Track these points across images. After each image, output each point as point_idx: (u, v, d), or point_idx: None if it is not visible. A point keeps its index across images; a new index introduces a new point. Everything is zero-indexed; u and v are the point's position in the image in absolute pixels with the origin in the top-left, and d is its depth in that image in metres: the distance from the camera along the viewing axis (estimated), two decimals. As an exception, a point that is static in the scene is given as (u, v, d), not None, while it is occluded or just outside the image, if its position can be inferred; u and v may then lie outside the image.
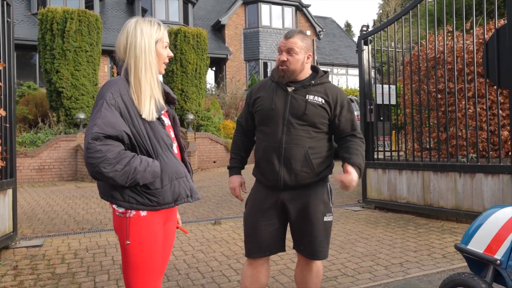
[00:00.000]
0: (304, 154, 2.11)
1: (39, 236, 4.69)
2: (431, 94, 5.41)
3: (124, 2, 19.49)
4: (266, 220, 2.18)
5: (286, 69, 2.15)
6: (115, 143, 1.60)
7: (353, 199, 6.67)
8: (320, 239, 2.14)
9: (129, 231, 1.69)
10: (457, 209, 4.80)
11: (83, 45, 11.24)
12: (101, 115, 1.59)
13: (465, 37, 4.93)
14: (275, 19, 19.40)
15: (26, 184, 9.80)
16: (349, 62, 21.72)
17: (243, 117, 2.40)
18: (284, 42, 2.15)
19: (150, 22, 1.76)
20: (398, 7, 5.69)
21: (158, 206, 1.71)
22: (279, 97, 2.18)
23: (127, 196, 1.67)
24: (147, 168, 1.64)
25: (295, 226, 2.18)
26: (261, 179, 2.24)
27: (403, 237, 4.35)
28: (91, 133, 1.56)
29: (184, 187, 1.77)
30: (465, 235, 2.07)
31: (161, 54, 1.78)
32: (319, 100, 2.14)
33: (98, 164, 1.56)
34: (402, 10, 5.57)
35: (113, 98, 1.63)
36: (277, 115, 2.15)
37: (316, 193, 2.16)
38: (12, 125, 4.19)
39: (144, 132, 1.68)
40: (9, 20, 4.29)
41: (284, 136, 2.12)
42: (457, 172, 4.78)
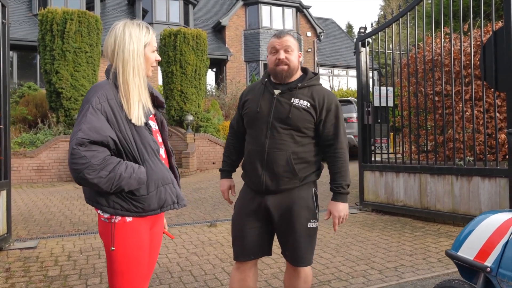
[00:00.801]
0: (286, 159, 2.06)
1: (34, 237, 4.67)
2: (429, 97, 5.37)
3: (125, 3, 19.51)
4: (251, 223, 2.16)
5: (287, 68, 2.09)
6: (100, 148, 1.58)
7: (350, 201, 6.63)
8: (304, 246, 2.10)
9: (113, 237, 1.66)
10: (454, 212, 4.76)
11: (82, 46, 11.24)
12: (87, 120, 1.56)
13: (463, 39, 4.89)
14: (276, 20, 19.37)
15: (25, 184, 9.79)
16: (349, 64, 21.68)
17: (235, 120, 2.38)
18: (279, 41, 2.10)
19: (139, 25, 1.74)
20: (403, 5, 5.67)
21: (143, 212, 1.69)
22: (265, 100, 2.14)
23: (112, 202, 1.65)
24: (132, 175, 1.62)
25: (279, 231, 2.16)
26: (247, 182, 2.23)
27: (399, 241, 4.32)
28: (75, 138, 1.54)
29: (170, 194, 1.75)
30: (456, 241, 2.04)
31: (149, 58, 1.76)
32: (304, 103, 2.08)
33: (82, 170, 1.54)
34: (400, 12, 5.54)
35: (99, 102, 1.60)
36: (262, 119, 2.11)
37: (300, 198, 2.11)
38: (6, 127, 4.17)
39: (131, 137, 1.66)
40: (4, 21, 4.27)
41: (268, 140, 2.09)
42: (454, 175, 4.74)
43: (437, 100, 5.30)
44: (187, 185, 9.11)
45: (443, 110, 4.91)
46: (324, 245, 4.19)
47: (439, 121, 5.36)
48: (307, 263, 2.13)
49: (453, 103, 4.76)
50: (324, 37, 21.77)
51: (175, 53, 12.38)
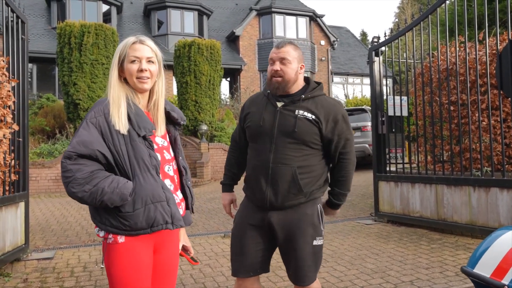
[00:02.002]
0: (291, 174, 2.00)
1: (51, 248, 4.74)
2: (444, 106, 5.31)
3: (140, 14, 19.87)
4: (252, 239, 2.09)
5: (280, 81, 2.04)
6: (88, 162, 1.57)
7: (365, 212, 6.56)
8: (308, 264, 2.04)
9: (103, 256, 1.65)
10: (471, 224, 4.66)
11: (99, 58, 11.47)
12: (78, 134, 1.59)
13: (478, 48, 4.83)
14: (289, 29, 19.45)
15: (43, 194, 9.97)
16: (364, 72, 21.58)
17: (236, 133, 2.32)
18: (276, 51, 2.06)
19: (126, 39, 1.74)
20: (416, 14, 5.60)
21: (131, 231, 1.62)
22: (268, 112, 2.07)
23: (104, 218, 1.63)
24: (115, 190, 1.57)
25: (283, 249, 2.10)
26: (250, 197, 2.16)
27: (415, 253, 4.24)
28: (66, 151, 1.57)
29: (161, 212, 1.64)
30: (471, 257, 2.00)
31: (128, 69, 1.70)
32: (309, 115, 2.01)
33: (68, 184, 1.56)
34: (414, 21, 5.50)
35: (94, 117, 1.62)
36: (266, 132, 2.05)
37: (305, 215, 2.05)
38: (25, 140, 4.27)
39: (124, 151, 1.63)
40: (24, 37, 4.40)
41: (272, 154, 2.02)
42: (471, 186, 4.65)
43: (453, 109, 5.23)
44: (201, 195, 9.15)
45: (459, 120, 4.84)
46: (338, 257, 4.15)
47: (455, 131, 5.28)
48: (309, 282, 2.06)
49: (469, 112, 4.68)
50: (338, 45, 21.74)
51: (189, 63, 12.53)
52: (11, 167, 3.98)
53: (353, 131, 2.26)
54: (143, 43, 1.72)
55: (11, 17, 4.18)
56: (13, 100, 3.96)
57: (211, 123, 12.89)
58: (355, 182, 9.34)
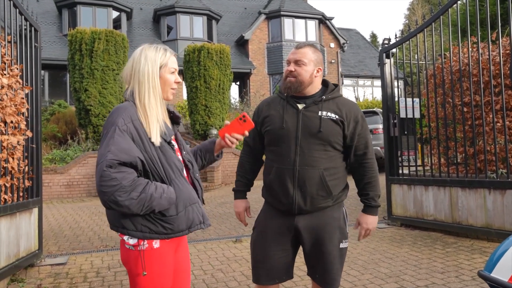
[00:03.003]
0: (319, 176, 1.99)
1: (64, 253, 4.79)
2: (457, 107, 5.25)
3: (150, 20, 20.08)
4: (277, 246, 2.08)
5: (293, 81, 2.05)
6: (129, 170, 1.57)
7: (378, 215, 6.49)
8: (336, 268, 2.06)
9: (144, 263, 1.64)
10: (487, 227, 4.59)
11: (110, 64, 11.61)
12: (114, 141, 1.56)
13: (491, 48, 4.78)
14: (298, 32, 19.47)
15: (56, 200, 10.09)
16: (374, 74, 21.48)
17: (250, 137, 2.24)
18: (294, 52, 2.09)
19: (156, 48, 1.76)
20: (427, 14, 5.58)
21: (172, 234, 1.67)
22: (289, 115, 2.06)
23: (139, 225, 1.63)
24: (163, 195, 1.61)
25: (310, 254, 2.09)
26: (272, 203, 2.13)
27: (429, 257, 4.19)
28: (105, 160, 1.53)
29: (197, 213, 1.74)
30: (488, 261, 1.97)
31: (167, 80, 1.76)
32: (332, 115, 2.03)
33: (113, 193, 1.53)
34: (425, 22, 5.46)
35: (124, 124, 1.61)
36: (289, 135, 2.03)
37: (332, 218, 2.06)
38: (38, 146, 4.34)
39: (157, 157, 1.66)
40: (37, 45, 4.48)
41: (298, 157, 2.00)
42: (486, 189, 4.59)
43: (466, 111, 5.17)
44: (212, 199, 9.17)
45: (472, 121, 4.78)
46: (351, 262, 4.12)
47: (468, 133, 5.22)
48: (337, 285, 2.08)
49: (482, 114, 4.63)
50: (347, 47, 21.69)
51: (199, 68, 12.61)
52: (24, 173, 4.04)
53: None
54: (175, 56, 1.82)
55: (25, 26, 4.26)
56: (27, 107, 4.03)
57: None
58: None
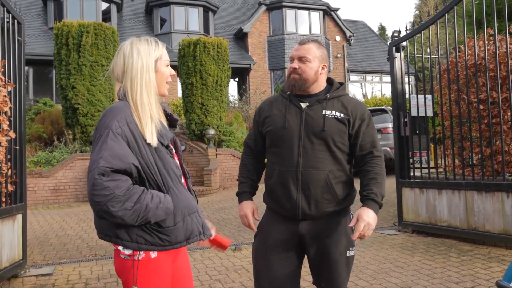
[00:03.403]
0: (324, 178, 2.02)
1: (50, 263, 4.79)
2: (472, 105, 5.25)
3: (142, 12, 20.11)
4: (280, 255, 2.09)
5: (297, 78, 2.09)
6: (123, 177, 1.54)
7: (388, 221, 6.50)
8: (342, 277, 2.08)
9: (136, 276, 1.62)
10: (505, 233, 4.59)
11: (99, 59, 11.62)
12: (107, 146, 1.54)
13: (509, 41, 4.78)
14: (302, 25, 19.49)
15: (41, 205, 10.09)
16: (383, 69, 21.49)
17: (251, 138, 2.31)
18: (297, 48, 2.12)
19: (147, 41, 1.74)
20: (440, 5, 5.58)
21: (169, 245, 1.65)
22: (292, 114, 2.09)
23: (134, 235, 1.61)
24: (159, 205, 1.59)
25: (315, 262, 2.11)
26: (275, 208, 2.15)
27: (443, 266, 4.19)
28: (97, 167, 1.50)
29: (196, 224, 1.72)
30: (508, 271, 1.97)
31: (163, 73, 1.75)
32: (337, 114, 2.06)
33: (106, 203, 1.50)
34: (438, 13, 5.46)
35: (119, 126, 1.58)
36: (291, 135, 2.06)
37: (338, 225, 2.08)
38: (22, 148, 4.34)
39: (153, 162, 1.64)
40: (20, 39, 4.48)
41: (301, 158, 2.03)
42: (504, 192, 4.58)
43: (482, 108, 5.17)
44: (210, 204, 9.17)
45: (489, 120, 4.78)
46: (359, 271, 4.12)
47: (485, 132, 5.22)
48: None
49: (500, 111, 4.63)
50: (354, 41, 21.70)
51: (194, 63, 12.61)
52: (7, 177, 4.04)
53: None
54: (163, 46, 1.79)
55: (7, 18, 4.26)
56: (10, 105, 4.03)
57: (218, 127, 12.94)
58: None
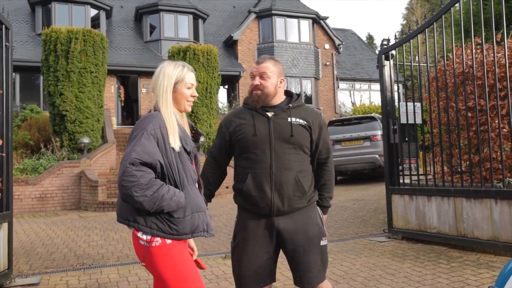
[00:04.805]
0: (294, 178, 2.28)
1: (36, 273, 4.70)
2: (461, 112, 5.31)
3: (131, 19, 20.03)
4: (260, 249, 2.30)
5: (260, 94, 2.33)
6: (148, 170, 1.89)
7: (378, 228, 6.52)
8: (318, 264, 2.30)
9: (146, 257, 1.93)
10: (494, 240, 4.62)
11: (88, 65, 11.54)
12: (141, 143, 1.90)
13: (496, 50, 4.85)
14: (291, 33, 19.60)
15: (27, 214, 9.93)
16: (371, 77, 21.69)
17: (216, 148, 2.49)
18: (256, 67, 2.36)
19: (175, 64, 2.12)
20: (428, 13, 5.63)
21: (176, 235, 1.96)
22: (260, 122, 2.33)
23: (149, 222, 1.93)
24: (173, 197, 1.91)
25: (291, 253, 2.31)
26: (250, 208, 2.33)
27: (433, 273, 4.21)
28: (129, 158, 1.86)
29: (202, 221, 2.04)
30: (499, 276, 1.98)
31: (183, 93, 2.12)
32: (301, 121, 2.34)
33: (130, 188, 1.84)
34: (426, 22, 5.54)
35: (153, 129, 1.95)
36: (262, 141, 2.30)
37: (309, 217, 2.34)
38: (8, 155, 4.27)
39: (175, 163, 1.98)
40: (8, 44, 4.43)
41: (273, 161, 2.28)
42: (492, 199, 4.63)
43: (470, 116, 5.23)
44: (199, 212, 9.09)
45: (477, 127, 4.84)
46: (350, 279, 4.11)
47: (473, 139, 5.27)
48: (319, 281, 2.31)
49: (488, 119, 4.69)
50: (343, 49, 21.87)
51: (184, 70, 12.58)
52: (-7, 184, 3.97)
53: (361, 141, 2.54)
54: (193, 71, 2.19)
55: (-6, 23, 4.21)
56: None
57: (208, 134, 12.91)
58: (366, 196, 9.30)
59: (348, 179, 13.08)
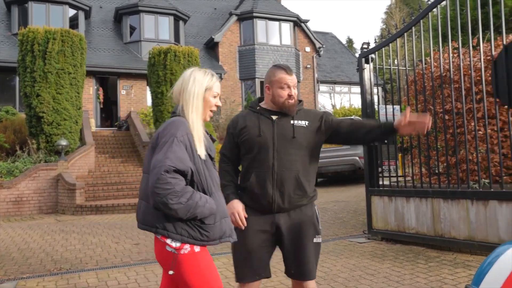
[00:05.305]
0: (295, 177, 2.42)
1: (12, 278, 4.59)
2: (438, 115, 5.42)
3: (111, 20, 19.80)
4: (260, 243, 2.43)
5: (294, 102, 2.49)
6: (180, 177, 1.88)
7: (358, 229, 6.59)
8: (312, 260, 2.45)
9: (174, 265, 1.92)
10: (470, 240, 4.73)
11: (66, 66, 11.35)
12: (173, 150, 1.89)
13: (472, 54, 4.97)
14: (272, 35, 19.67)
15: (2, 218, 9.69)
16: (351, 80, 21.93)
17: (227, 148, 2.62)
18: (290, 78, 2.49)
19: (204, 72, 2.14)
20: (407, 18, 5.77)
21: (206, 241, 1.97)
22: (265, 124, 2.47)
23: (180, 228, 1.91)
24: (206, 204, 1.92)
25: (288, 248, 2.45)
26: (252, 205, 2.46)
27: (412, 272, 4.27)
28: (164, 165, 1.84)
29: (229, 226, 2.08)
30: (476, 275, 2.02)
31: (209, 101, 2.13)
32: (303, 123, 2.49)
33: (166, 195, 1.82)
34: (405, 26, 5.64)
35: (182, 135, 1.95)
36: (266, 142, 2.44)
37: (307, 215, 2.48)
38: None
39: (202, 170, 1.99)
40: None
41: (276, 161, 2.41)
42: (469, 200, 4.73)
43: (448, 118, 5.34)
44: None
45: (454, 130, 4.94)
46: (331, 279, 4.14)
47: (450, 141, 5.39)
48: (313, 276, 2.45)
49: (464, 121, 4.79)
50: (324, 52, 22.08)
51: (165, 72, 12.52)
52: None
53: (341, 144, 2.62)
54: (219, 81, 2.15)
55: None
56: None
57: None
58: (346, 198, 9.39)
59: (329, 181, 13.19)
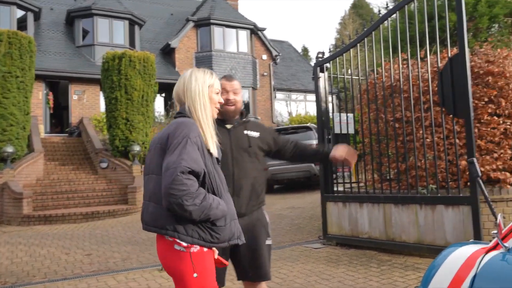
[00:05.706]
0: (251, 183, 2.55)
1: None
2: (389, 123, 5.63)
3: (62, 22, 19.14)
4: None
5: (234, 108, 2.58)
6: (194, 178, 1.86)
7: (313, 235, 6.69)
8: (267, 261, 2.58)
9: (195, 265, 1.90)
10: (419, 243, 4.93)
11: (13, 70, 10.86)
12: (187, 151, 1.87)
13: (420, 65, 5.22)
14: (229, 42, 19.73)
15: None
16: (307, 88, 22.33)
17: None
18: (230, 83, 2.58)
19: (204, 71, 2.16)
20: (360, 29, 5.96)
21: (216, 243, 1.96)
22: (222, 133, 2.48)
23: (190, 230, 1.90)
24: (218, 206, 1.92)
25: (245, 252, 2.52)
26: None
27: (365, 276, 4.39)
28: (179, 166, 1.82)
29: (237, 228, 2.08)
30: (424, 277, 2.11)
31: (213, 98, 2.14)
32: (255, 134, 2.64)
33: (181, 196, 1.80)
34: (358, 37, 5.83)
35: (195, 137, 1.94)
36: (225, 150, 2.48)
37: (258, 220, 2.61)
38: None
39: (212, 171, 1.99)
40: None
41: (235, 168, 2.52)
42: (418, 204, 4.94)
43: (398, 126, 5.56)
44: (134, 223, 8.83)
45: (404, 137, 5.15)
46: (287, 285, 4.18)
47: (400, 148, 5.60)
48: (269, 277, 2.59)
49: (413, 129, 5.01)
50: (280, 60, 22.37)
51: (119, 77, 12.22)
52: None
53: None
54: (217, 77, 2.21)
55: None
56: None
57: (144, 143, 12.57)
58: (302, 204, 9.53)
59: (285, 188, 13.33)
